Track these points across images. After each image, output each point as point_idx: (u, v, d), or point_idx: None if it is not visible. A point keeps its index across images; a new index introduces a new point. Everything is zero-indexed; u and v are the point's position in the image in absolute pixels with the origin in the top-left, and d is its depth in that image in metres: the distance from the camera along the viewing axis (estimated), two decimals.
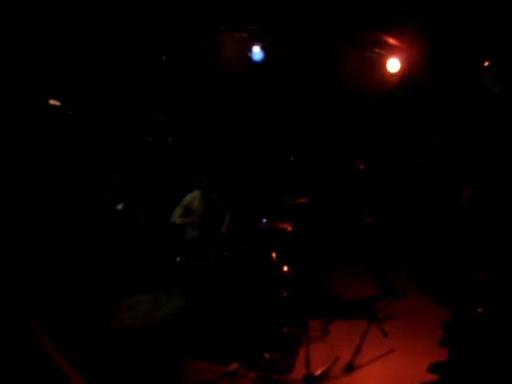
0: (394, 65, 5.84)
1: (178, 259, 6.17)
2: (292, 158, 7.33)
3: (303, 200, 6.35)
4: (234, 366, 5.02)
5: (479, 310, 3.62)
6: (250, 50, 6.39)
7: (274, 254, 5.74)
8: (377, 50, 5.89)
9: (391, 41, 5.64)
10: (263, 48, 6.32)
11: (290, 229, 6.09)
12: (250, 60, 6.46)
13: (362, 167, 6.03)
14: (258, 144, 7.15)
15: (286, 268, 5.71)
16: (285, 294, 5.46)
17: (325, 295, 6.17)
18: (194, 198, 6.37)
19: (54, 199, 5.52)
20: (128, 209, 6.37)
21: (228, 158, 6.92)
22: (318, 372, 4.76)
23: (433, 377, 4.11)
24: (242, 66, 6.56)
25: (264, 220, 6.19)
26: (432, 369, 4.11)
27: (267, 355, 5.05)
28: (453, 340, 3.98)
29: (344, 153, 6.48)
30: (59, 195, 5.60)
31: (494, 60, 4.62)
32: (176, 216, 6.29)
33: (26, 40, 5.02)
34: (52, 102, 5.48)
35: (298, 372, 4.86)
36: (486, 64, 4.65)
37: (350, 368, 4.81)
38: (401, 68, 5.83)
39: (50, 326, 3.15)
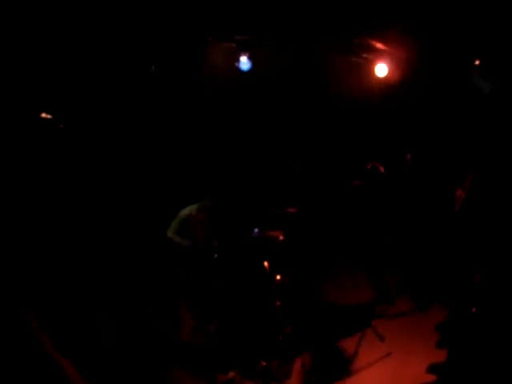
0: (381, 70, 5.89)
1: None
2: (295, 165, 7.31)
3: (293, 209, 6.37)
4: (232, 374, 5.02)
5: (474, 309, 3.64)
6: (237, 60, 6.43)
7: (266, 263, 5.77)
8: (364, 55, 5.94)
9: (379, 45, 5.69)
10: (250, 57, 6.37)
11: (281, 237, 6.09)
12: (238, 69, 6.50)
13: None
14: (249, 152, 7.16)
15: (278, 276, 5.74)
16: (278, 303, 5.50)
17: (319, 302, 6.16)
18: (193, 217, 6.25)
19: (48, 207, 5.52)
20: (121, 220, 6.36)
21: (220, 167, 6.91)
22: (316, 378, 4.77)
23: (431, 378, 4.12)
24: (231, 75, 6.59)
25: (255, 229, 6.18)
26: (431, 369, 4.12)
27: (264, 363, 5.06)
28: (450, 340, 4.00)
29: (336, 157, 6.49)
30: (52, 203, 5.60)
31: (485, 58, 4.66)
32: (173, 232, 6.17)
33: (17, 54, 5.04)
34: (44, 115, 5.48)
35: (296, 379, 4.88)
36: (477, 63, 4.70)
37: (347, 373, 4.82)
38: (389, 72, 5.88)
39: (50, 326, 3.15)
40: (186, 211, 6.23)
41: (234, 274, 5.86)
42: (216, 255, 5.98)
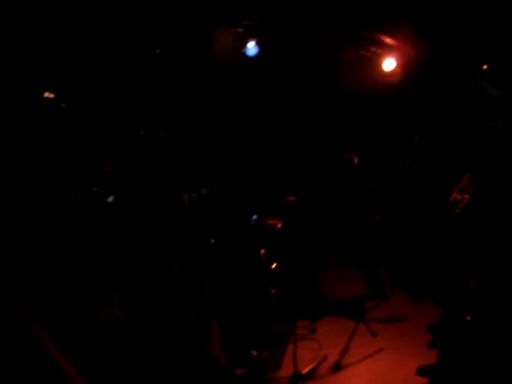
0: (389, 64, 5.84)
1: None
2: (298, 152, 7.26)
3: (293, 198, 6.33)
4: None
5: (468, 318, 3.62)
6: (244, 45, 6.36)
7: (262, 251, 5.75)
8: (373, 49, 5.88)
9: (388, 40, 5.63)
10: (258, 43, 6.30)
11: (279, 225, 6.06)
12: (244, 55, 6.44)
13: (356, 161, 5.99)
14: (252, 139, 7.11)
15: (274, 265, 5.72)
16: (273, 292, 5.48)
17: (314, 293, 6.17)
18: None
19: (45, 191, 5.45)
20: (118, 202, 6.29)
21: (221, 153, 6.86)
22: (306, 370, 4.75)
23: (422, 380, 4.11)
24: (237, 60, 6.52)
25: (254, 216, 6.15)
26: (420, 371, 4.11)
27: (255, 352, 5.05)
28: (441, 346, 3.98)
29: (337, 148, 6.43)
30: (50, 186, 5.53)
31: (493, 64, 4.62)
32: None
33: (20, 33, 4.95)
34: (46, 94, 5.39)
35: (286, 370, 4.84)
36: (485, 67, 4.65)
37: (337, 367, 4.81)
38: (396, 68, 5.83)
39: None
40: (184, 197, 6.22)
41: (230, 260, 5.84)
42: (213, 240, 5.97)
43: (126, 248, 5.54)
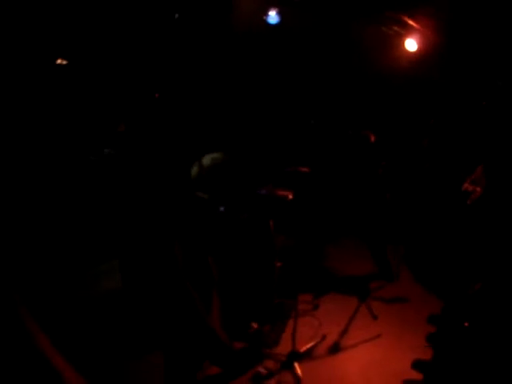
0: (411, 45, 5.67)
1: None
2: (312, 122, 7.14)
3: (306, 169, 6.25)
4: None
5: (466, 324, 3.57)
6: (266, 13, 6.20)
7: (271, 223, 5.73)
8: (395, 29, 5.68)
9: (411, 22, 5.43)
10: (279, 13, 6.14)
11: (290, 197, 5.99)
12: (265, 23, 6.27)
13: (372, 139, 5.87)
14: (269, 108, 7.00)
15: (282, 237, 5.71)
16: (278, 264, 5.49)
17: (319, 268, 6.18)
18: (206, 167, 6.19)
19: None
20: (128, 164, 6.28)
21: (236, 121, 6.78)
22: (303, 349, 4.81)
23: (416, 374, 4.11)
24: (258, 27, 6.36)
25: (266, 186, 6.09)
26: (416, 365, 4.11)
27: (255, 325, 5.11)
28: (436, 350, 3.95)
29: (354, 124, 6.29)
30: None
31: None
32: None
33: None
34: (59, 61, 5.34)
35: (284, 347, 4.88)
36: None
37: (335, 348, 4.84)
38: (418, 49, 5.65)
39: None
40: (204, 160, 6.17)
41: (238, 230, 5.84)
42: (222, 209, 5.95)
43: (130, 216, 5.57)
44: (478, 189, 4.40)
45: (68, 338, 4.26)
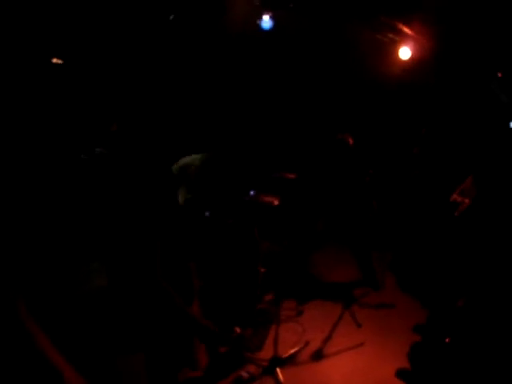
0: (405, 53, 5.69)
1: None
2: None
3: (292, 175, 6.24)
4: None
5: (447, 340, 3.56)
6: (259, 17, 6.19)
7: (255, 228, 5.71)
8: (390, 35, 5.71)
9: (406, 29, 5.46)
10: (273, 17, 6.14)
11: (276, 203, 5.98)
12: (258, 27, 6.27)
13: (351, 143, 5.86)
14: (256, 112, 6.99)
15: (268, 243, 5.69)
16: (262, 270, 5.47)
17: (304, 274, 6.16)
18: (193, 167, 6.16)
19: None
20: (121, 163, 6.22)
21: (224, 124, 6.77)
22: (286, 355, 4.78)
23: (400, 383, 4.11)
24: (251, 31, 6.35)
25: (251, 192, 6.07)
26: (399, 374, 4.10)
27: (238, 330, 5.06)
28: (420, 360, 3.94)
29: (337, 128, 6.28)
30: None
31: (507, 73, 4.48)
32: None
33: None
34: (55, 60, 5.30)
35: (267, 352, 4.86)
36: (499, 75, 4.52)
37: (318, 355, 4.81)
38: (411, 57, 5.68)
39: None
40: (187, 159, 6.13)
41: (222, 235, 5.80)
42: (208, 213, 5.92)
43: (115, 215, 5.52)
44: (467, 200, 4.42)
45: (61, 336, 4.23)
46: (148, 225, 5.34)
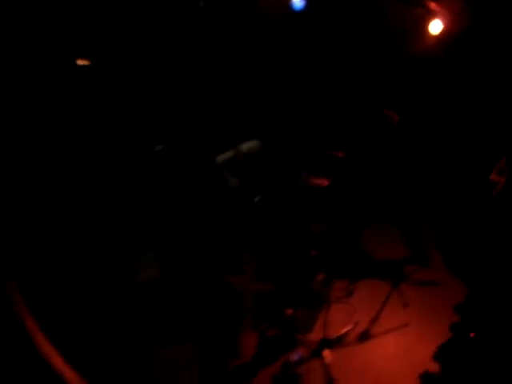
0: (436, 26, 5.43)
1: None
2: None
3: (341, 153, 6.24)
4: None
5: (472, 334, 3.55)
6: None
7: (306, 212, 5.83)
8: (420, 9, 5.46)
9: (434, 4, 5.21)
10: None
11: (325, 184, 6.02)
12: (290, 7, 6.19)
13: (396, 119, 5.76)
14: (301, 92, 6.94)
15: (319, 225, 5.78)
16: (313, 253, 5.60)
17: (355, 254, 6.19)
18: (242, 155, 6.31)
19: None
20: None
21: (271, 106, 6.79)
22: (334, 336, 4.95)
23: (436, 366, 4.16)
24: (282, 12, 6.29)
25: (302, 174, 6.13)
26: (436, 357, 4.16)
27: (290, 311, 5.27)
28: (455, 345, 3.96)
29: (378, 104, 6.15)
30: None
31: None
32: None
33: None
34: (80, 61, 5.50)
35: (317, 333, 5.04)
36: None
37: (364, 336, 4.95)
38: (441, 32, 5.43)
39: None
40: (239, 148, 6.28)
41: (273, 219, 5.96)
42: (257, 198, 6.07)
43: (169, 207, 5.82)
44: (503, 179, 4.31)
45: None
46: (201, 214, 5.65)
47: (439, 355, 3.92)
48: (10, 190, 4.56)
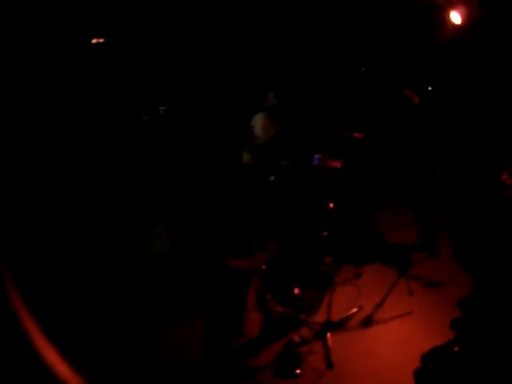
0: (456, 17, 5.32)
1: None
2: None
3: (360, 134, 6.21)
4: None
5: (456, 348, 3.59)
6: None
7: (318, 192, 5.86)
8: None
9: None
10: None
11: (339, 166, 6.03)
12: None
13: (416, 100, 5.70)
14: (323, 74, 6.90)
15: (330, 205, 5.81)
16: (325, 233, 5.65)
17: (366, 236, 6.24)
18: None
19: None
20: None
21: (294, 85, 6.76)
22: (337, 319, 5.06)
23: None
24: None
25: (316, 155, 6.14)
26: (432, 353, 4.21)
27: (297, 291, 5.37)
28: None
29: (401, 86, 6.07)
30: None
31: None
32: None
33: None
34: (95, 40, 5.50)
35: (321, 315, 5.16)
36: None
37: (367, 321, 5.04)
38: (462, 23, 5.30)
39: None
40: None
41: (286, 200, 6.00)
42: (272, 178, 6.12)
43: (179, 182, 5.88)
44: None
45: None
46: (211, 190, 5.71)
47: (429, 357, 3.97)
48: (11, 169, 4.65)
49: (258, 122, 6.30)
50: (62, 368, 1.98)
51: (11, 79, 4.82)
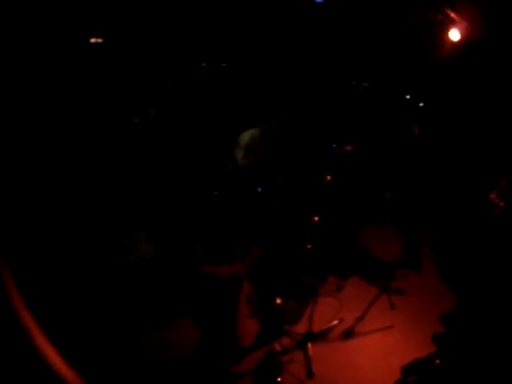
0: (455, 35, 5.44)
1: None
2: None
3: (350, 148, 6.29)
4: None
5: (437, 361, 3.62)
6: None
7: (304, 206, 5.89)
8: (439, 17, 5.45)
9: (454, 14, 5.20)
10: None
11: (328, 179, 6.08)
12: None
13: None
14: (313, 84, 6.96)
15: (315, 218, 5.84)
16: (309, 245, 5.68)
17: (350, 249, 6.27)
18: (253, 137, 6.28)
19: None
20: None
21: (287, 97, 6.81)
22: (319, 330, 5.05)
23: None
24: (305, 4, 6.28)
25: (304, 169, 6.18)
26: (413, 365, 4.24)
27: (279, 300, 5.36)
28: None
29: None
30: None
31: None
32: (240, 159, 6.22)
33: None
34: (93, 40, 5.52)
35: (303, 325, 5.13)
36: None
37: (348, 334, 5.05)
38: (460, 40, 5.43)
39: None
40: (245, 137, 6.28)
41: (272, 212, 6.02)
42: (260, 189, 6.13)
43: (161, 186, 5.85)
44: (502, 203, 4.36)
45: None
46: (190, 196, 5.67)
47: (410, 369, 3.99)
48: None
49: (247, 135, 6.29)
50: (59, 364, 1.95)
51: (9, 78, 4.78)
